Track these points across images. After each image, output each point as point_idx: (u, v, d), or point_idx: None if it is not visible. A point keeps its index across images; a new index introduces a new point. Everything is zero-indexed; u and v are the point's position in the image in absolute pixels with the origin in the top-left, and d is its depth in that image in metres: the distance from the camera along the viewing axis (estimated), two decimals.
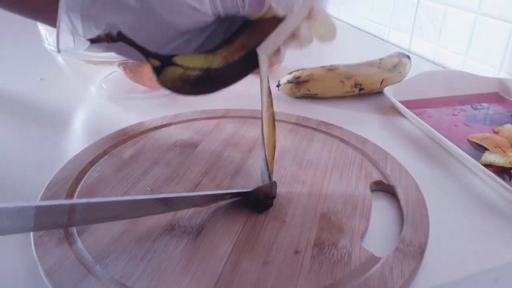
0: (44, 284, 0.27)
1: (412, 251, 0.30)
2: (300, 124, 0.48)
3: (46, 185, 0.36)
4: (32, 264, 0.29)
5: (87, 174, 0.38)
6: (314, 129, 0.47)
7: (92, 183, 0.37)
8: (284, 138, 0.45)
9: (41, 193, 0.35)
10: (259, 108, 0.49)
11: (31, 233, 0.31)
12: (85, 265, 0.28)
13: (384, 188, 0.38)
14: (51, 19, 0.30)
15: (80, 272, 0.28)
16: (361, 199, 0.36)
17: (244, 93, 0.58)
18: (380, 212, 0.35)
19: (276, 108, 0.52)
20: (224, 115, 0.51)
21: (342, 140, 0.45)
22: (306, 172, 0.39)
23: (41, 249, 0.29)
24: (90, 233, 0.31)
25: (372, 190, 0.38)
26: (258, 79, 0.34)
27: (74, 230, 0.31)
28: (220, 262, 0.29)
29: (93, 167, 0.39)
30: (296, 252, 0.30)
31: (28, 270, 0.29)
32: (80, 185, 0.37)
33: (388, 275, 0.28)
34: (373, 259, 0.30)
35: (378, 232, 0.33)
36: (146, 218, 0.32)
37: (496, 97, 0.59)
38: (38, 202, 0.29)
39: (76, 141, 0.47)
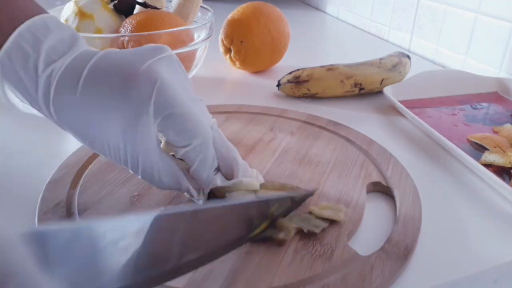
0: None
1: (397, 252, 0.30)
2: (309, 122, 0.49)
3: (46, 183, 0.36)
4: None
5: (96, 159, 0.40)
6: (322, 127, 0.48)
7: (99, 168, 0.39)
8: (290, 135, 0.46)
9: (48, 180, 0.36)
10: (270, 105, 0.48)
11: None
12: None
13: (382, 190, 0.38)
14: None
15: None
16: (355, 199, 0.36)
17: (257, 88, 0.58)
18: (375, 213, 0.35)
19: (277, 107, 0.53)
20: (236, 110, 0.51)
21: (348, 140, 0.45)
22: (305, 170, 0.40)
23: None
24: None
25: (371, 191, 0.38)
26: (261, 79, 0.34)
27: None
28: None
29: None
30: (281, 244, 0.30)
31: None
32: (88, 168, 0.39)
33: (368, 273, 0.28)
34: (355, 257, 0.30)
35: (368, 232, 0.33)
36: None
37: (495, 97, 0.59)
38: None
39: None
